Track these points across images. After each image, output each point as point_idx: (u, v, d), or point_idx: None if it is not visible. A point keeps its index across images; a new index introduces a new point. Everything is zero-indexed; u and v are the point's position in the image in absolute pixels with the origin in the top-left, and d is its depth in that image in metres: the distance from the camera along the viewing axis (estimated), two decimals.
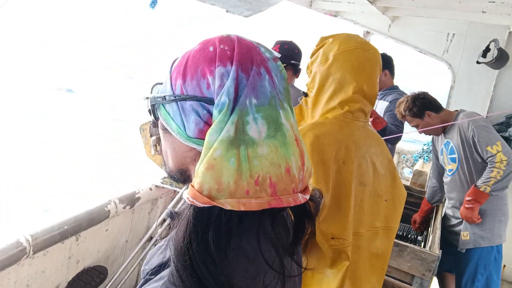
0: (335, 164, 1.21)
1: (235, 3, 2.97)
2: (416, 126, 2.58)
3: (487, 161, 2.33)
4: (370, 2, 2.94)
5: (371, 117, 2.63)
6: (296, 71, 2.57)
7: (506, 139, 3.15)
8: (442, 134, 2.60)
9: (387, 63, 3.04)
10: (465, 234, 2.47)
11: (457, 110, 2.57)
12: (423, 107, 2.52)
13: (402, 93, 3.15)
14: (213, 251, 0.54)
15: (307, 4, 3.51)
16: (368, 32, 4.16)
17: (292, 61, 2.51)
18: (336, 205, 1.21)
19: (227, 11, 3.15)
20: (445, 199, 2.85)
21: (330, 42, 1.32)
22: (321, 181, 1.17)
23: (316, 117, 1.33)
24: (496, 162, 2.26)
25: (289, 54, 2.53)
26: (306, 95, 1.40)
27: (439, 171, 2.79)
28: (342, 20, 3.95)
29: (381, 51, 3.42)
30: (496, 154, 2.27)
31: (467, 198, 2.38)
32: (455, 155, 2.48)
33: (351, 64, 1.27)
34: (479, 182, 2.34)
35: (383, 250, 1.34)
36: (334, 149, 1.21)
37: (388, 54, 3.16)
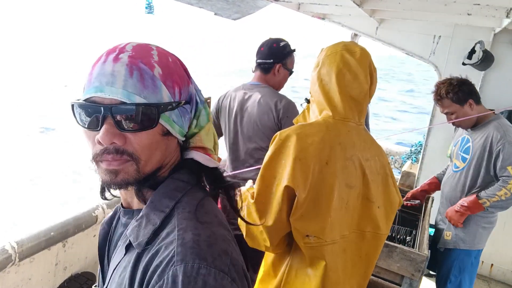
0: (317, 164, 1.22)
1: (223, 6, 2.97)
2: (451, 113, 2.39)
3: (499, 178, 2.25)
4: (358, 5, 2.96)
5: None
6: (262, 69, 2.36)
7: None
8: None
9: None
10: (448, 234, 2.47)
11: (493, 111, 2.41)
12: (468, 93, 2.34)
13: None
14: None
15: (295, 7, 3.52)
16: (355, 35, 4.19)
17: (258, 60, 2.36)
18: (314, 204, 1.23)
19: (215, 14, 3.14)
20: (431, 200, 2.87)
21: (324, 49, 1.38)
22: (298, 178, 1.20)
23: (312, 120, 1.37)
24: (509, 184, 2.19)
25: (256, 53, 2.39)
26: (308, 101, 1.45)
27: None
28: (329, 23, 3.98)
29: None
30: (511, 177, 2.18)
31: (463, 204, 2.33)
32: (468, 157, 2.39)
33: (336, 65, 1.31)
34: (482, 194, 2.27)
35: (368, 253, 1.35)
36: (317, 148, 1.23)
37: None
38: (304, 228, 1.23)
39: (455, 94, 2.33)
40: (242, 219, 0.85)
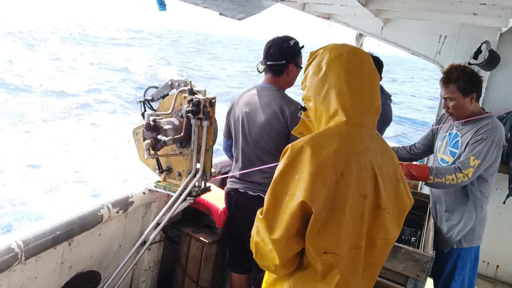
0: (333, 176, 1.18)
1: (228, 6, 2.97)
2: (450, 100, 2.35)
3: (459, 160, 2.26)
4: (363, 5, 2.95)
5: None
6: (274, 72, 2.32)
7: None
8: (456, 124, 2.45)
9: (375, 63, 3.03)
10: (451, 233, 2.44)
11: (486, 112, 2.42)
12: (475, 86, 2.31)
13: (387, 96, 3.14)
14: None
15: (300, 7, 3.52)
16: (361, 35, 4.18)
17: (268, 62, 2.31)
18: (330, 219, 1.19)
19: (220, 14, 3.15)
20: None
21: (320, 53, 1.33)
22: (315, 194, 1.15)
23: (321, 126, 1.32)
24: (462, 172, 2.19)
25: (265, 55, 2.34)
26: (304, 109, 1.38)
27: (425, 143, 2.76)
28: (335, 23, 3.97)
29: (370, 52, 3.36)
30: (469, 167, 2.20)
31: (412, 171, 2.28)
32: (457, 151, 2.37)
33: (344, 68, 1.27)
34: (433, 170, 2.24)
35: (376, 260, 1.33)
36: (333, 160, 1.19)
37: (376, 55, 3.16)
38: (321, 245, 1.19)
39: (464, 83, 2.29)
40: None
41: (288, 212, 1.18)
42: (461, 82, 2.29)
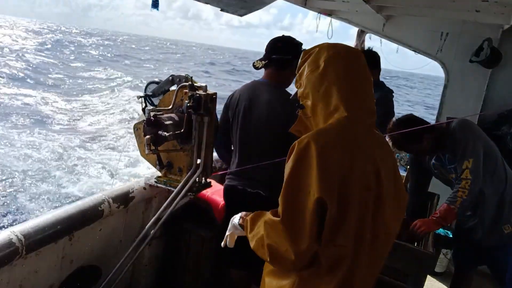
0: (342, 170, 1.20)
1: (230, 1, 2.97)
2: (413, 154, 2.51)
3: (458, 174, 2.30)
4: (365, 1, 2.95)
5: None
6: (279, 65, 2.32)
7: (498, 137, 3.16)
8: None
9: (371, 57, 3.04)
10: (507, 227, 2.40)
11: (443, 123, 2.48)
12: (416, 138, 2.38)
13: (387, 90, 3.14)
14: None
15: (301, 3, 3.51)
16: (362, 31, 4.17)
17: (275, 56, 2.30)
18: (342, 213, 1.20)
19: (221, 10, 3.14)
20: (437, 197, 2.86)
21: (316, 51, 1.35)
22: (328, 189, 1.16)
23: (320, 123, 1.32)
24: (462, 182, 2.25)
25: (271, 49, 2.33)
26: (302, 107, 1.39)
27: (419, 187, 2.78)
28: (336, 19, 3.96)
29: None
30: (464, 170, 2.25)
31: (436, 215, 2.31)
32: (455, 165, 2.41)
33: (343, 65, 1.30)
34: (448, 201, 2.30)
35: (379, 254, 1.34)
36: (340, 154, 1.20)
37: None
38: (332, 238, 1.20)
39: (408, 143, 2.42)
40: None
41: (307, 210, 1.17)
42: (406, 144, 2.45)
